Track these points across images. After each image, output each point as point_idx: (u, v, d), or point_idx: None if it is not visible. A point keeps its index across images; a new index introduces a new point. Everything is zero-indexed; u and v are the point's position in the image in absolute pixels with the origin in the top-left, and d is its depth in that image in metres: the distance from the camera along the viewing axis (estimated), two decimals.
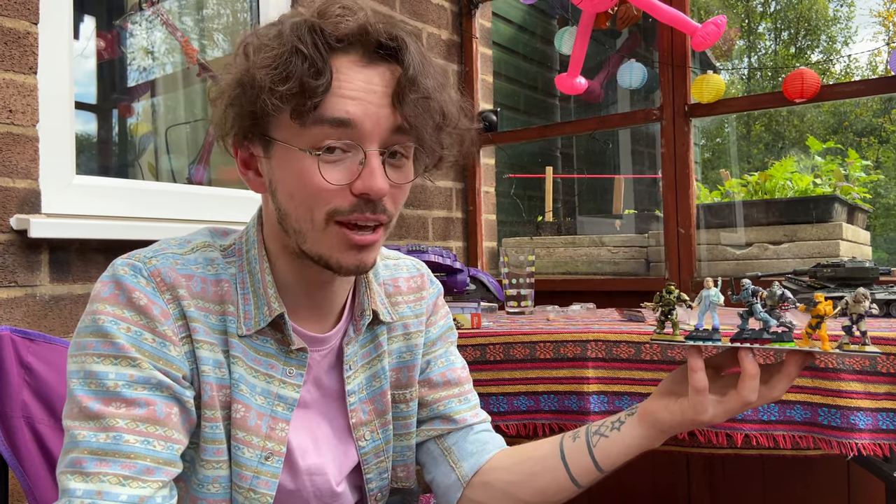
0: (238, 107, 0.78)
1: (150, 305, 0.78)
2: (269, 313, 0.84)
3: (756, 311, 0.81)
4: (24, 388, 1.09)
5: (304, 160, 0.77)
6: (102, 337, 0.75)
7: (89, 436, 0.72)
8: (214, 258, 0.86)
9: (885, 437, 1.22)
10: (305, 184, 0.78)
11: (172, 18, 2.24)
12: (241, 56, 0.79)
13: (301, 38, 0.75)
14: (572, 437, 0.93)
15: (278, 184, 0.81)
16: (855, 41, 17.21)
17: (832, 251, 2.21)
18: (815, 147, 3.04)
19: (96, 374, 0.74)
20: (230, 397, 0.82)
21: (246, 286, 0.85)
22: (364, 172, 0.77)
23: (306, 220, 0.80)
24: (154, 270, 0.80)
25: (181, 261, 0.83)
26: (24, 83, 1.44)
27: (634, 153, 5.19)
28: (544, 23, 4.18)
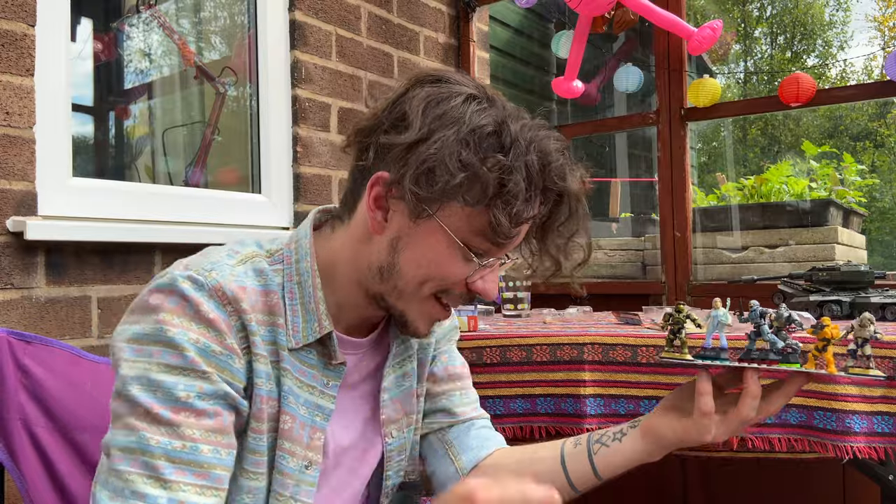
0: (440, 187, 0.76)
1: (217, 319, 0.78)
2: (318, 330, 0.85)
3: (764, 332, 0.83)
4: (21, 391, 1.09)
5: (452, 248, 0.81)
6: (171, 347, 0.75)
7: (164, 441, 0.73)
8: (263, 268, 0.85)
9: (880, 440, 1.22)
10: (442, 271, 0.82)
11: (170, 21, 2.24)
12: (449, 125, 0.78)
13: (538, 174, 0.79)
14: (573, 443, 0.96)
15: (409, 249, 0.83)
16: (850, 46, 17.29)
17: (828, 255, 2.22)
18: (810, 151, 3.05)
19: (163, 384, 0.74)
20: (278, 409, 0.83)
21: (294, 297, 0.85)
22: (488, 277, 0.85)
23: (414, 288, 0.84)
24: (216, 285, 0.79)
25: (235, 272, 0.83)
26: (20, 85, 1.44)
27: (631, 156, 5.21)
28: (541, 27, 4.19)
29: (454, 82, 0.83)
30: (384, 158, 0.81)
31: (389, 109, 0.83)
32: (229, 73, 2.16)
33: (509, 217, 0.77)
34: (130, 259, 1.61)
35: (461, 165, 0.76)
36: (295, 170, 2.05)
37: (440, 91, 0.81)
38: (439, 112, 0.79)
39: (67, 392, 1.15)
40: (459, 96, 0.81)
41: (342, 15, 2.20)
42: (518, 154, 0.78)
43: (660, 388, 1.37)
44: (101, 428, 1.20)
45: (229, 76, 2.16)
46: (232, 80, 2.16)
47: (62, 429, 1.14)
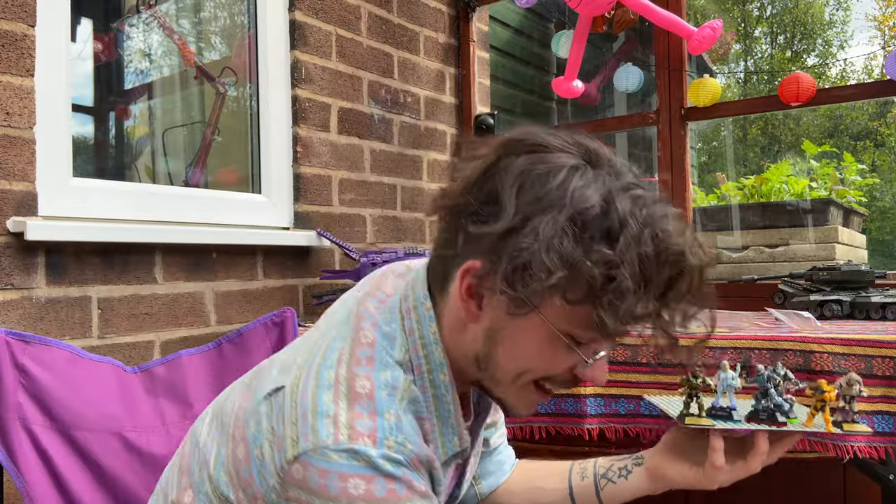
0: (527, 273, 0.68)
1: (426, 490, 0.75)
2: (457, 444, 0.81)
3: (771, 395, 0.91)
4: (20, 390, 1.09)
5: (558, 344, 0.74)
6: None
7: None
8: (415, 397, 0.78)
9: (881, 440, 1.22)
10: (542, 361, 0.76)
11: (170, 21, 2.24)
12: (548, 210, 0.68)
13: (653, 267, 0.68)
14: (580, 474, 0.99)
15: (506, 341, 0.76)
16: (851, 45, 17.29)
17: (828, 255, 2.22)
18: (810, 151, 3.05)
19: None
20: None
21: (431, 411, 0.80)
22: (597, 365, 0.78)
23: (513, 378, 0.78)
24: (412, 457, 0.74)
25: (411, 424, 0.76)
26: (21, 85, 1.44)
27: (631, 156, 5.20)
28: (541, 26, 4.19)
29: (552, 148, 0.73)
30: (475, 246, 0.72)
31: (479, 185, 0.73)
32: (229, 73, 2.16)
33: (617, 316, 0.68)
34: (130, 259, 1.61)
35: (561, 261, 0.66)
36: (295, 170, 2.05)
37: (536, 164, 0.71)
38: (536, 194, 0.70)
39: (66, 391, 1.15)
40: (560, 170, 0.70)
41: (342, 15, 2.20)
42: (629, 243, 0.67)
43: (660, 388, 1.37)
44: (100, 426, 1.20)
45: (229, 76, 2.15)
46: (232, 81, 2.16)
47: (62, 427, 1.14)
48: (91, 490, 1.16)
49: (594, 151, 0.74)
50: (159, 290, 1.66)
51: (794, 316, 1.48)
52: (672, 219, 0.72)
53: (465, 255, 0.74)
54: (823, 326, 1.44)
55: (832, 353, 1.26)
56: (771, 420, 0.90)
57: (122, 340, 1.58)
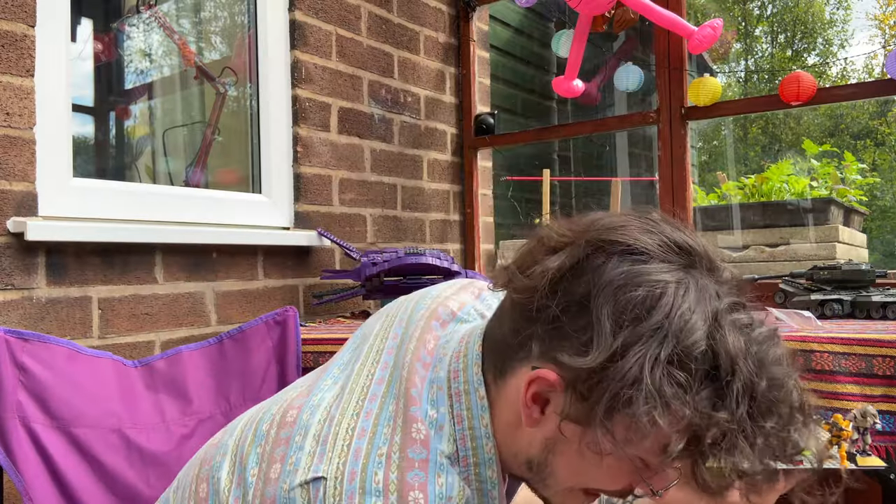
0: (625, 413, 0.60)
1: None
2: None
3: None
4: (19, 389, 1.09)
5: (622, 463, 0.66)
6: None
7: None
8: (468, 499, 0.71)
9: (881, 439, 1.22)
10: (605, 481, 0.70)
11: (170, 21, 2.24)
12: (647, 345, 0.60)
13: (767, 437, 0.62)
14: None
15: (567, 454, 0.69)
16: (851, 44, 17.27)
17: (829, 254, 2.21)
18: (810, 150, 3.05)
19: None
20: None
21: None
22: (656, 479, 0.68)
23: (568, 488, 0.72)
24: None
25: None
26: (21, 86, 1.44)
27: (631, 156, 5.20)
28: (541, 26, 4.19)
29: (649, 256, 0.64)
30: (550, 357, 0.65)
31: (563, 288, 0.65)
32: (229, 73, 2.16)
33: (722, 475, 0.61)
34: (131, 259, 1.61)
35: (667, 413, 0.59)
36: (295, 170, 2.05)
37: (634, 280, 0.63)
38: (636, 322, 0.61)
39: (66, 387, 1.16)
40: (663, 293, 0.62)
41: (342, 15, 2.20)
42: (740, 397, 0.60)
43: None
44: (100, 422, 1.20)
45: (229, 76, 2.15)
46: (232, 80, 2.16)
47: (62, 425, 1.14)
48: (91, 487, 1.16)
49: (690, 250, 0.65)
50: (160, 290, 1.66)
51: (795, 315, 1.48)
52: (784, 362, 0.64)
53: (537, 358, 0.67)
54: (824, 326, 1.44)
55: (833, 353, 1.26)
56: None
57: (122, 340, 1.58)
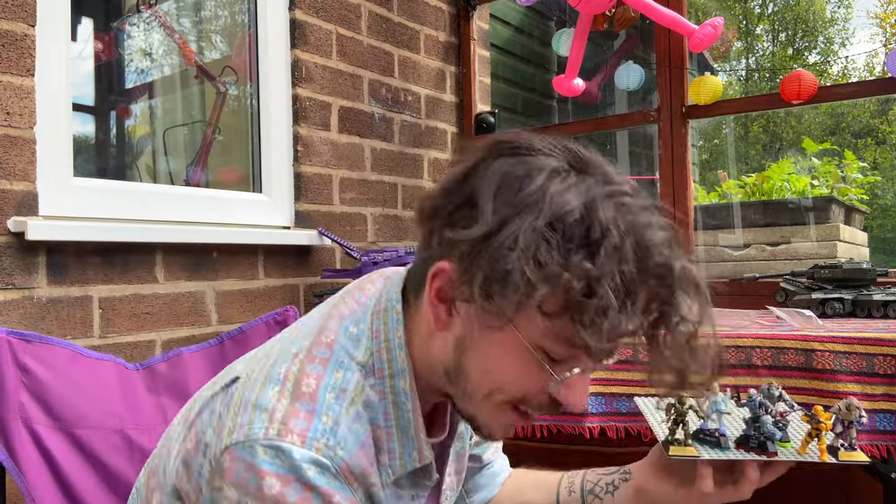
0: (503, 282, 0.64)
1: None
2: (418, 459, 0.76)
3: (764, 423, 0.87)
4: (21, 390, 1.09)
5: (529, 359, 0.69)
6: None
7: None
8: (369, 400, 0.74)
9: (882, 438, 1.22)
10: (514, 377, 0.71)
11: (170, 20, 2.24)
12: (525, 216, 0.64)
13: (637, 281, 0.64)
14: (568, 488, 0.97)
15: (476, 353, 0.71)
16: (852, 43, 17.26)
17: (830, 252, 2.21)
18: (811, 149, 3.05)
19: None
20: None
21: (389, 419, 0.75)
22: (577, 387, 0.71)
23: (484, 396, 0.73)
24: (342, 465, 0.69)
25: (352, 429, 0.71)
26: (21, 85, 1.44)
27: (632, 154, 5.20)
28: (542, 25, 4.19)
29: (536, 151, 0.69)
30: (448, 249, 0.69)
31: (457, 187, 0.70)
32: (230, 72, 2.16)
33: (599, 333, 0.63)
34: (131, 259, 1.61)
35: (538, 270, 0.62)
36: (296, 169, 2.05)
37: (516, 167, 0.68)
38: (514, 197, 0.65)
39: (68, 389, 1.16)
40: (541, 172, 0.66)
41: (342, 14, 2.20)
42: (610, 254, 0.63)
43: None
44: (102, 423, 1.20)
45: (230, 75, 2.15)
46: (232, 80, 2.16)
47: (64, 426, 1.14)
48: (93, 488, 1.16)
49: (584, 158, 0.69)
50: (160, 289, 1.66)
51: (796, 314, 1.48)
52: (658, 228, 0.67)
53: (438, 257, 0.71)
54: (825, 325, 1.44)
55: (833, 352, 1.26)
56: (761, 449, 0.87)
57: (123, 340, 1.58)
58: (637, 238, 0.64)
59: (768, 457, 0.86)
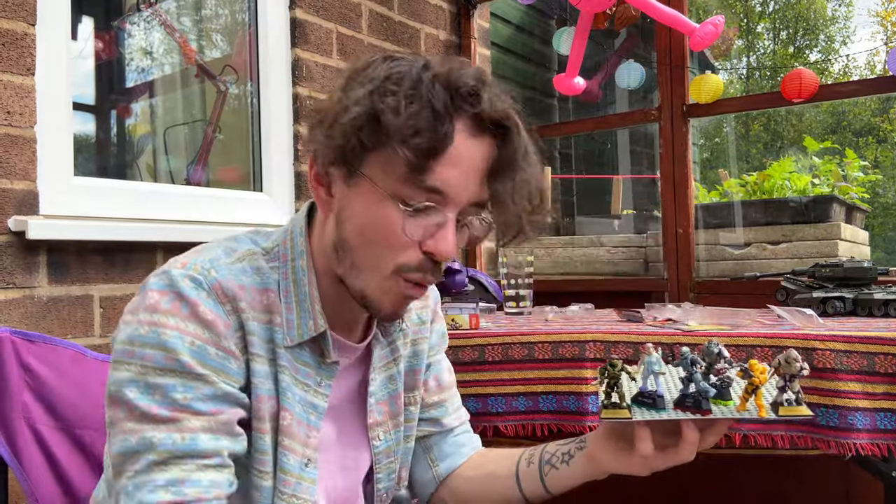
0: (345, 135, 0.76)
1: (216, 320, 0.77)
2: (313, 328, 0.84)
3: (696, 380, 0.84)
4: (25, 390, 1.09)
5: (388, 207, 0.77)
6: (166, 351, 0.74)
7: (165, 438, 0.73)
8: (261, 266, 0.85)
9: (883, 436, 1.22)
10: (382, 230, 0.78)
11: (171, 19, 2.24)
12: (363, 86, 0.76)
13: (436, 95, 0.74)
14: (527, 461, 0.99)
15: (351, 216, 0.80)
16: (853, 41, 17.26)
17: (831, 251, 2.21)
18: (812, 147, 3.05)
19: (162, 387, 0.74)
20: (278, 406, 0.83)
21: (290, 295, 0.85)
22: (439, 234, 0.78)
23: (370, 264, 0.80)
24: (215, 283, 0.79)
25: (232, 270, 0.82)
26: (21, 84, 1.44)
27: (633, 153, 5.20)
28: (542, 23, 4.18)
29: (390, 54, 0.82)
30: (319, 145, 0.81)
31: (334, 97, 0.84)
32: (230, 71, 2.16)
33: (416, 151, 0.72)
34: (132, 258, 1.61)
35: (356, 106, 0.74)
36: (296, 168, 2.05)
37: (367, 60, 0.81)
38: (357, 78, 0.78)
39: (71, 390, 1.16)
40: (381, 60, 0.79)
41: (343, 12, 2.20)
42: (420, 86, 0.74)
43: None
44: (105, 425, 1.20)
45: (230, 74, 2.15)
46: (233, 79, 2.16)
47: (66, 426, 1.14)
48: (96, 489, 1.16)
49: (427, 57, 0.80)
50: None
51: (797, 313, 1.48)
52: (473, 73, 0.77)
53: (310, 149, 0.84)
54: (826, 323, 1.44)
55: (834, 351, 1.26)
56: (696, 407, 0.83)
57: None
58: (448, 76, 0.76)
59: (702, 415, 0.82)
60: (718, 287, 2.19)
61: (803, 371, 0.81)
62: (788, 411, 0.82)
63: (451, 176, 0.76)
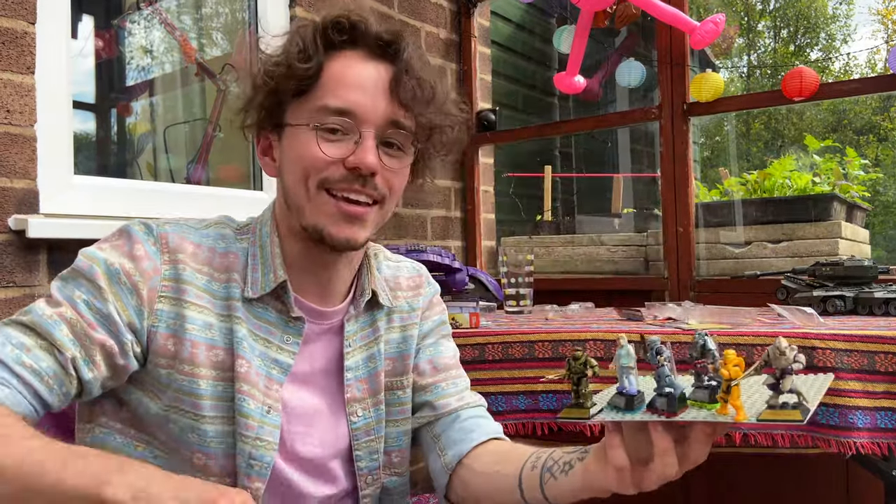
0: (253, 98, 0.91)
1: (143, 259, 0.87)
2: (273, 280, 0.91)
3: (662, 375, 0.70)
4: None
5: (305, 134, 0.88)
6: (90, 260, 0.86)
7: (39, 309, 0.82)
8: (226, 234, 0.95)
9: (883, 435, 1.22)
10: (303, 156, 0.88)
11: (171, 17, 2.23)
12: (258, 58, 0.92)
13: (301, 33, 0.89)
14: (532, 464, 0.91)
15: (284, 162, 0.92)
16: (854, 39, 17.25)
17: (831, 250, 2.21)
18: (812, 146, 3.04)
19: (72, 283, 0.85)
20: (233, 355, 0.88)
21: (256, 258, 0.93)
22: (357, 150, 0.87)
23: (302, 191, 0.89)
24: (163, 233, 0.90)
25: (194, 233, 0.92)
26: (21, 83, 1.44)
27: (633, 152, 5.20)
28: (543, 21, 4.18)
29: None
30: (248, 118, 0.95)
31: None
32: (230, 69, 2.15)
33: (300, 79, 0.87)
34: None
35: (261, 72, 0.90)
36: None
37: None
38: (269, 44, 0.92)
39: None
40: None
41: None
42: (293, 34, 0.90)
43: None
44: None
45: (230, 73, 2.15)
46: (233, 77, 2.16)
47: (66, 426, 1.14)
48: None
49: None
50: None
51: (797, 311, 1.48)
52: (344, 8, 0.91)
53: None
54: (826, 322, 1.43)
55: (835, 349, 1.25)
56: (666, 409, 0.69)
57: None
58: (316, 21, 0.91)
59: (666, 417, 0.68)
60: (719, 286, 2.19)
61: (797, 363, 0.67)
62: (772, 415, 0.67)
63: (355, 97, 0.87)
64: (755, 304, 1.78)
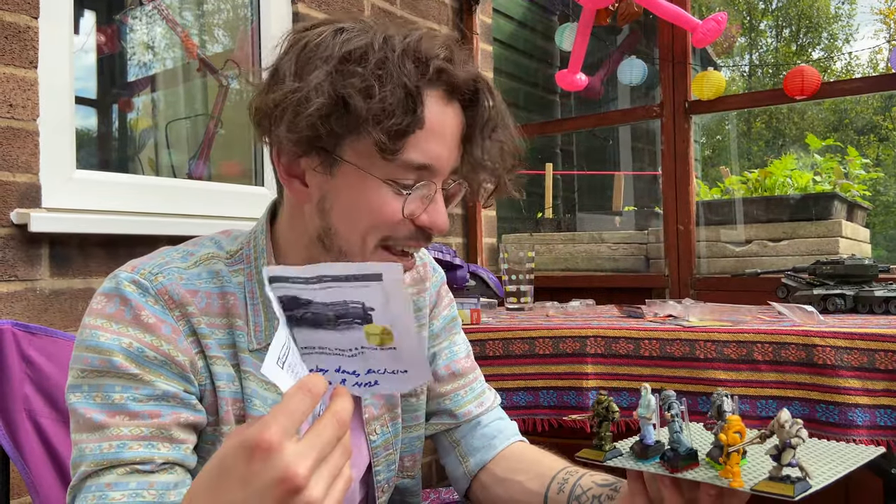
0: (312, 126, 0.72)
1: (158, 324, 0.76)
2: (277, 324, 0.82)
3: (671, 429, 0.72)
4: (26, 382, 1.10)
5: (378, 189, 0.76)
6: (100, 353, 0.74)
7: (95, 448, 0.73)
8: (219, 270, 0.83)
9: (882, 433, 1.22)
10: (372, 210, 0.76)
11: (173, 13, 2.23)
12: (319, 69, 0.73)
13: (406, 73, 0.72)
14: (559, 486, 0.90)
15: (336, 204, 0.78)
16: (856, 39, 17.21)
17: (832, 248, 2.21)
18: (814, 145, 3.04)
19: (101, 387, 0.74)
20: (244, 411, 0.81)
21: (255, 297, 0.82)
22: (430, 208, 0.78)
23: (357, 242, 0.78)
24: (161, 288, 0.78)
25: (185, 275, 0.80)
26: (24, 77, 1.44)
27: (634, 150, 5.19)
28: (545, 19, 4.18)
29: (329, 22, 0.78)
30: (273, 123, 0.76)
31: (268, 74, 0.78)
32: (232, 65, 2.15)
33: (388, 132, 0.71)
34: (134, 251, 1.60)
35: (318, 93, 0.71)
36: None
37: (311, 34, 0.76)
38: (309, 54, 0.74)
39: None
40: (329, 32, 0.75)
41: (345, 7, 2.20)
42: (388, 64, 0.71)
43: (662, 381, 1.37)
44: None
45: (232, 69, 2.15)
46: (235, 73, 2.16)
47: (67, 419, 1.15)
48: None
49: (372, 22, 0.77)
50: None
51: (797, 310, 1.48)
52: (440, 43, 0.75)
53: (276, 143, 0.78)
54: (826, 320, 1.44)
55: (835, 347, 1.26)
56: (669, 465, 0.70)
57: None
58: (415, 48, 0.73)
59: (670, 472, 0.70)
60: (719, 284, 2.19)
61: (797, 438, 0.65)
62: (767, 486, 0.65)
63: (435, 148, 0.76)
64: (756, 303, 1.78)
